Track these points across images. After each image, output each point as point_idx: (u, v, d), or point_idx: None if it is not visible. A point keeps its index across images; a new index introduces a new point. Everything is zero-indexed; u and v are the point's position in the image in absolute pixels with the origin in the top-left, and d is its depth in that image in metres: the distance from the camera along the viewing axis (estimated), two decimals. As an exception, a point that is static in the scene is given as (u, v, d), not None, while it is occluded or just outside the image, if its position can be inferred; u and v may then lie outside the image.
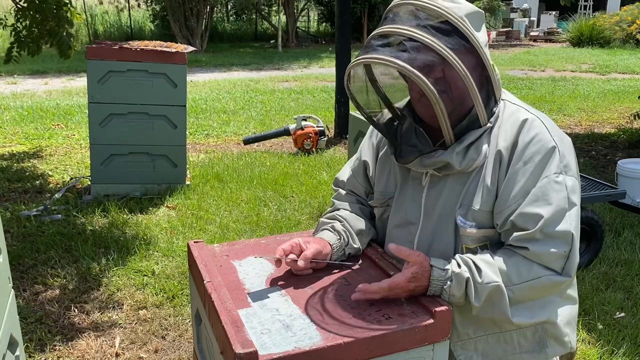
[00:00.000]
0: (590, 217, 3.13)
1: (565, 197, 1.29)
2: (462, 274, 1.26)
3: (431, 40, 1.22)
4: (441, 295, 1.26)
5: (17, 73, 10.65)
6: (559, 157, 1.31)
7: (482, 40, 1.28)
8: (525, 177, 1.30)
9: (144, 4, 18.49)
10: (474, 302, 1.26)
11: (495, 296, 1.27)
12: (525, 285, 1.28)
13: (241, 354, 1.04)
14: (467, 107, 1.32)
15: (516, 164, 1.31)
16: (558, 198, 1.28)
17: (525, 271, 1.28)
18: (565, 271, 1.29)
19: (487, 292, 1.26)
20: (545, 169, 1.29)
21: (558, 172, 1.29)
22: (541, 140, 1.31)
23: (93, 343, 2.49)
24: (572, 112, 7.82)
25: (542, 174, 1.29)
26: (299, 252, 1.40)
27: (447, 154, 1.33)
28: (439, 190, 1.40)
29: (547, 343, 1.41)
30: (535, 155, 1.30)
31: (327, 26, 22.02)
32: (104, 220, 3.79)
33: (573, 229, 1.28)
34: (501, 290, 1.27)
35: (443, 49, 1.22)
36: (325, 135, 5.83)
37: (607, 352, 2.44)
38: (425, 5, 1.26)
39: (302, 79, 11.02)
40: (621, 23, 16.45)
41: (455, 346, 1.37)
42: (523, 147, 1.31)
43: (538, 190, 1.29)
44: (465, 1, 1.29)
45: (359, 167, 1.63)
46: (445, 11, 1.24)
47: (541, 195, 1.28)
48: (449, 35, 1.24)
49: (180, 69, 4.14)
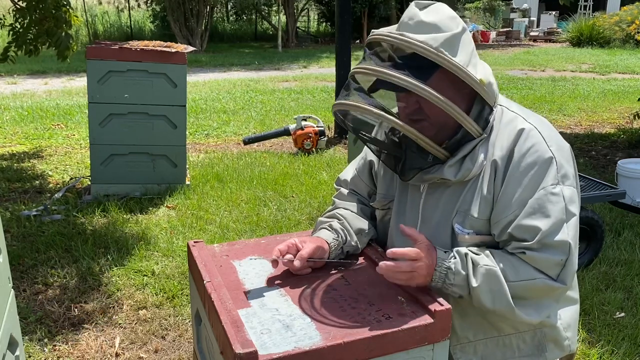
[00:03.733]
0: (590, 217, 3.13)
1: (562, 209, 1.29)
2: (462, 250, 1.30)
3: (401, 78, 1.24)
4: (446, 275, 1.27)
5: (17, 73, 10.65)
6: (556, 167, 1.31)
7: (463, 61, 1.28)
8: (522, 189, 1.30)
9: (144, 4, 18.48)
10: (473, 282, 1.26)
11: (494, 282, 1.27)
12: (520, 285, 1.28)
13: (241, 354, 1.04)
14: (455, 123, 1.32)
15: (513, 174, 1.32)
16: (555, 210, 1.28)
17: (522, 270, 1.29)
18: (561, 278, 1.29)
19: (485, 274, 1.26)
20: (542, 180, 1.30)
21: (555, 183, 1.30)
22: (538, 151, 1.31)
23: (93, 343, 2.49)
24: (572, 112, 7.82)
25: (539, 185, 1.29)
26: (295, 252, 1.40)
27: (442, 170, 1.36)
28: (436, 197, 1.41)
29: (547, 347, 1.42)
30: (531, 166, 1.30)
31: (327, 26, 22.03)
32: (104, 220, 3.78)
33: (570, 239, 1.29)
34: (498, 276, 1.27)
35: (415, 85, 1.23)
36: (325, 135, 5.82)
37: (607, 352, 2.44)
38: (398, 42, 1.28)
39: (302, 79, 11.02)
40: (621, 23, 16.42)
41: (455, 349, 1.37)
42: (519, 158, 1.32)
43: (535, 202, 1.29)
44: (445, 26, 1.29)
45: (364, 166, 1.64)
46: (418, 46, 1.25)
47: (538, 208, 1.29)
48: (423, 68, 1.26)
49: (180, 69, 4.14)
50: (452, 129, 1.34)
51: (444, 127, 1.34)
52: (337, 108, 1.36)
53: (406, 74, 1.24)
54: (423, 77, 1.25)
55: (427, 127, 1.32)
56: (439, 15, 1.30)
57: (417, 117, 1.33)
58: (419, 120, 1.33)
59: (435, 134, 1.33)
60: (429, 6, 1.33)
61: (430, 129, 1.32)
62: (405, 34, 1.27)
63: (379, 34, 1.32)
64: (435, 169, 1.37)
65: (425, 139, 1.29)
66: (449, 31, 1.28)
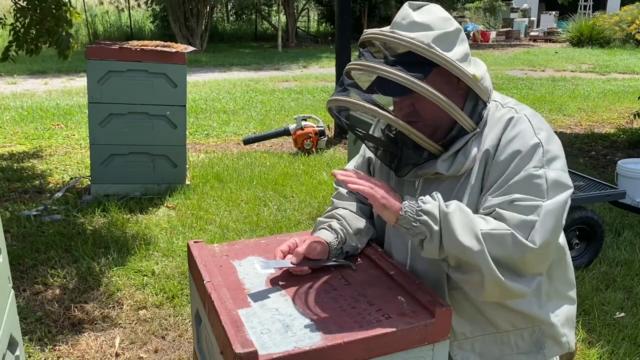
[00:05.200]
0: (590, 217, 3.13)
1: (544, 190, 1.26)
2: (430, 193, 1.28)
3: (395, 74, 1.24)
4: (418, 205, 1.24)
5: (17, 73, 10.65)
6: (541, 153, 1.29)
7: (457, 56, 1.29)
8: (506, 173, 1.29)
9: (144, 4, 18.48)
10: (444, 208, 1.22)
11: (463, 216, 1.23)
12: (489, 233, 1.22)
13: (241, 353, 1.04)
14: (452, 120, 1.33)
15: (498, 159, 1.31)
16: (536, 190, 1.26)
17: (493, 222, 1.25)
18: (531, 239, 1.22)
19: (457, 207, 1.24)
20: (526, 164, 1.28)
21: (538, 167, 1.28)
22: (524, 137, 1.31)
23: (93, 343, 2.49)
24: (572, 112, 7.82)
25: (522, 169, 1.28)
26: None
27: (435, 164, 1.36)
28: (431, 193, 1.41)
29: (545, 344, 1.41)
30: (517, 152, 1.30)
31: (327, 26, 22.03)
32: (104, 220, 3.78)
33: (545, 205, 1.24)
34: (467, 213, 1.24)
35: (408, 80, 1.24)
36: (325, 135, 5.82)
37: (607, 352, 2.44)
38: (390, 39, 1.29)
39: (302, 79, 11.02)
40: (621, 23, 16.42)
41: (452, 346, 1.37)
42: (505, 143, 1.32)
43: (515, 181, 1.27)
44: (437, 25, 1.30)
45: (362, 164, 1.64)
46: (410, 42, 1.26)
47: (517, 187, 1.27)
48: (415, 64, 1.26)
49: (180, 69, 4.14)
50: (447, 128, 1.35)
51: (439, 127, 1.35)
52: (331, 104, 1.36)
53: (400, 69, 1.25)
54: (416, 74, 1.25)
55: (422, 127, 1.32)
56: (432, 16, 1.31)
57: (412, 119, 1.33)
58: (414, 122, 1.33)
59: (431, 135, 1.34)
60: (422, 7, 1.34)
61: (426, 129, 1.33)
62: (396, 32, 1.28)
63: (371, 33, 1.33)
64: (429, 164, 1.38)
65: (419, 134, 1.30)
66: (441, 30, 1.29)
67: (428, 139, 1.32)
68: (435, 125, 1.35)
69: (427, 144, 1.32)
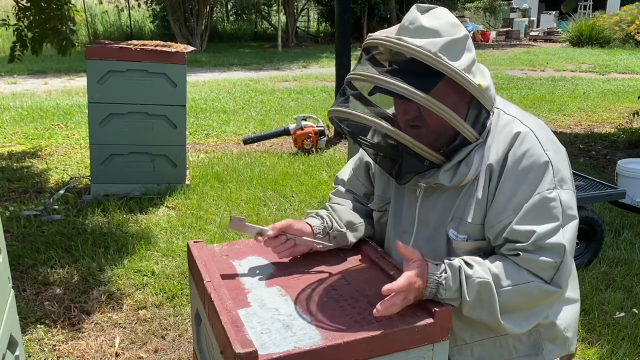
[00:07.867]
0: (590, 217, 3.13)
1: (559, 213, 1.27)
2: (454, 263, 1.27)
3: (398, 85, 1.21)
4: (437, 290, 1.24)
5: (16, 73, 10.64)
6: (552, 172, 1.29)
7: (463, 65, 1.26)
8: (518, 193, 1.28)
9: (144, 4, 18.48)
10: (466, 296, 1.25)
11: (485, 294, 1.25)
12: (513, 290, 1.26)
13: (241, 353, 1.04)
14: (454, 130, 1.31)
15: (507, 179, 1.30)
16: (552, 214, 1.27)
17: (515, 274, 1.27)
18: (555, 282, 1.27)
19: (477, 288, 1.25)
20: (538, 185, 1.28)
21: (551, 188, 1.28)
22: (533, 155, 1.29)
23: (93, 343, 2.49)
24: (572, 112, 7.82)
25: (534, 190, 1.28)
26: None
27: (438, 175, 1.35)
28: (432, 202, 1.40)
29: (544, 347, 1.41)
30: (527, 170, 1.29)
31: (327, 26, 22.02)
32: (104, 220, 3.78)
33: (566, 242, 1.27)
34: (491, 288, 1.25)
35: (410, 92, 1.21)
36: (325, 135, 5.82)
37: (607, 352, 2.44)
38: (396, 47, 1.25)
39: (302, 79, 11.01)
40: (621, 23, 16.45)
41: (452, 351, 1.37)
42: (514, 162, 1.30)
43: (530, 206, 1.27)
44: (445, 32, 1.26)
45: (360, 167, 1.64)
46: (417, 51, 1.22)
47: (534, 212, 1.27)
48: (420, 73, 1.23)
49: (180, 68, 4.14)
50: (450, 135, 1.33)
51: (443, 134, 1.33)
52: (332, 115, 1.34)
53: (403, 80, 1.21)
54: (422, 84, 1.22)
55: (426, 133, 1.31)
56: (440, 21, 1.28)
57: (417, 124, 1.32)
58: (417, 126, 1.32)
59: (434, 141, 1.32)
60: (431, 10, 1.30)
61: (429, 135, 1.31)
62: (403, 39, 1.24)
63: (377, 38, 1.29)
64: (430, 173, 1.36)
65: (421, 146, 1.28)
66: (449, 37, 1.25)
67: (430, 150, 1.30)
68: (438, 132, 1.33)
69: (429, 154, 1.30)
